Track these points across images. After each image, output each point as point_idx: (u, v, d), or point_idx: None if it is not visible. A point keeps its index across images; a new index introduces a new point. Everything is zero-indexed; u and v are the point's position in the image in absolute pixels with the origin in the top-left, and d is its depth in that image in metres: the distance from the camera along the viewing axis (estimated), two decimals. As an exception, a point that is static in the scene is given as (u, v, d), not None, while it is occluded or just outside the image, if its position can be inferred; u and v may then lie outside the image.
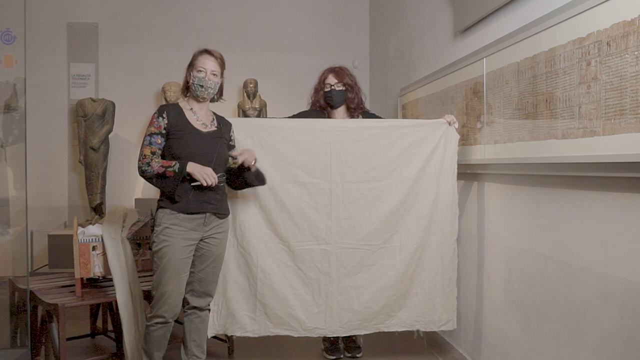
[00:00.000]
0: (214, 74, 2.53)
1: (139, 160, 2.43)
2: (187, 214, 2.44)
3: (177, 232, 2.43)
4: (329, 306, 2.79)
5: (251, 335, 2.79)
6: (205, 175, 2.40)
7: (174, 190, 2.40)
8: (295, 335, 2.81)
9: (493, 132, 2.67)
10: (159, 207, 2.49)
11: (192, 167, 2.40)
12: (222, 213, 2.57)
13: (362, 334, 2.88)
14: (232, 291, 2.77)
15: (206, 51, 2.55)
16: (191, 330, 2.63)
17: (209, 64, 2.52)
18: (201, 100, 2.56)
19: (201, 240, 2.52)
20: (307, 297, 2.78)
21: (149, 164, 2.41)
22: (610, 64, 1.80)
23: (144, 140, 2.46)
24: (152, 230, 2.53)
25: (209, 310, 2.71)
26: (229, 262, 2.76)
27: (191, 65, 2.54)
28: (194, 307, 2.62)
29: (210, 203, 2.50)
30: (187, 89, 2.58)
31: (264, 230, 2.78)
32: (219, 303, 2.78)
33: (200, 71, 2.50)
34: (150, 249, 2.96)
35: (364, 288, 2.80)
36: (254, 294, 2.77)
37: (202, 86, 2.50)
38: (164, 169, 2.39)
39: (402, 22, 4.30)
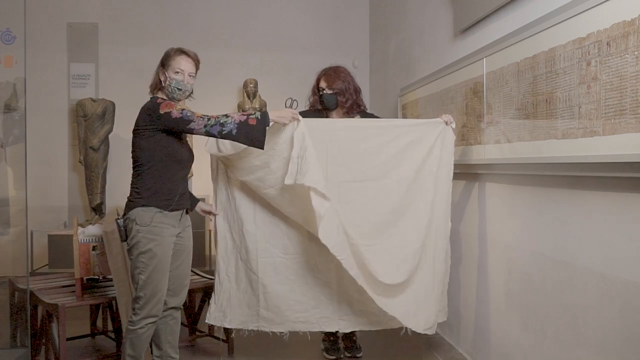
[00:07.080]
0: (191, 76, 2.45)
1: (207, 119, 2.26)
2: (172, 210, 2.43)
3: (165, 229, 2.41)
4: (324, 305, 2.78)
5: (250, 327, 2.79)
6: (291, 115, 2.51)
7: (264, 138, 2.29)
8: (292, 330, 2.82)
9: (493, 132, 2.67)
10: (141, 205, 2.38)
11: (274, 115, 2.41)
12: (189, 208, 2.60)
13: (357, 330, 2.87)
14: (232, 289, 2.78)
15: (182, 51, 2.45)
16: (167, 332, 2.58)
17: (186, 65, 2.42)
18: (176, 101, 2.46)
19: (176, 235, 2.50)
20: (302, 298, 2.77)
21: (227, 115, 2.27)
22: (610, 64, 1.80)
23: (186, 111, 2.28)
24: (125, 229, 2.41)
25: (182, 308, 2.65)
26: (229, 262, 2.77)
27: (165, 65, 2.43)
28: (171, 308, 2.56)
29: (186, 199, 2.52)
30: (159, 88, 2.46)
31: (261, 229, 2.77)
32: (220, 298, 2.78)
33: (178, 73, 2.41)
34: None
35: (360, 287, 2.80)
36: (253, 295, 2.77)
37: (180, 89, 2.42)
38: (245, 116, 2.28)
39: (402, 22, 4.30)
